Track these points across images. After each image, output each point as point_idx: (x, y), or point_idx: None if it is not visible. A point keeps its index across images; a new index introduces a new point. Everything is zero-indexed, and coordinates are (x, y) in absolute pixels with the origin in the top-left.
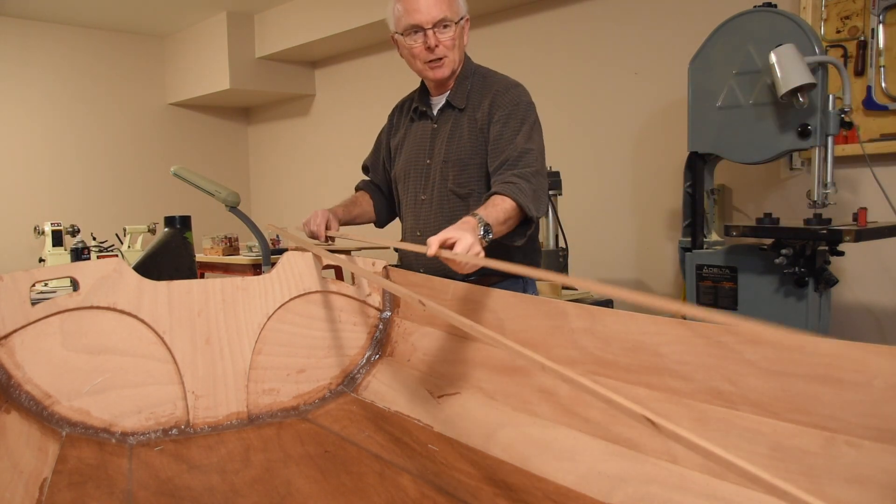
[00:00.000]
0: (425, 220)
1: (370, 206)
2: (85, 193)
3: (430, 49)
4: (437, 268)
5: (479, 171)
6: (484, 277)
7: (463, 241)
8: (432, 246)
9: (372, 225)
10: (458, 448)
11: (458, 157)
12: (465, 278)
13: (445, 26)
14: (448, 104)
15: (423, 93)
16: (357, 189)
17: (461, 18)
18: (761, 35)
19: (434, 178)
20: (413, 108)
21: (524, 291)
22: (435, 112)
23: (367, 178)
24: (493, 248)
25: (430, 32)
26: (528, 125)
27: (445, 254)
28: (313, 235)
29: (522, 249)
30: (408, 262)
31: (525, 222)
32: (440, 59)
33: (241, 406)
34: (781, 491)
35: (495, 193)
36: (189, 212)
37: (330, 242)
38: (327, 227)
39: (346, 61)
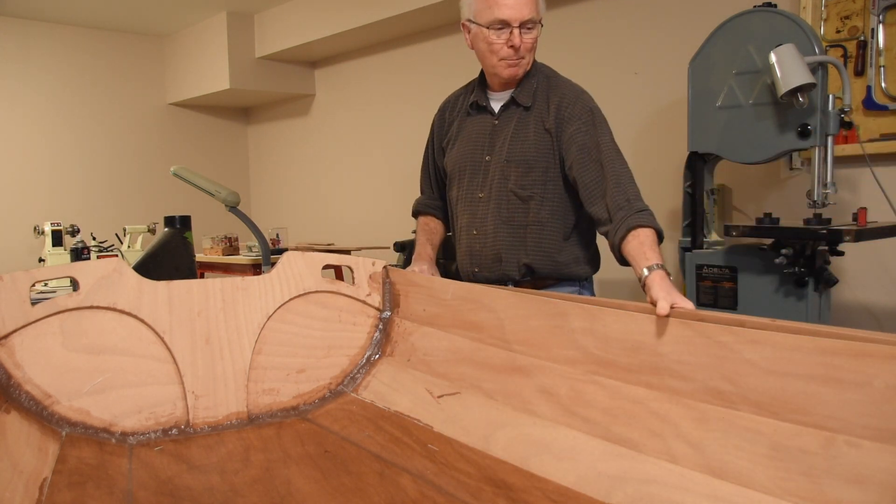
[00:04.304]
0: (482, 218)
1: (441, 226)
2: (85, 193)
3: (513, 48)
4: (492, 268)
5: (543, 174)
6: (539, 280)
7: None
8: (665, 310)
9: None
10: (458, 448)
11: (522, 158)
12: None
13: (530, 27)
14: (513, 101)
15: (481, 86)
16: (417, 214)
17: (541, 20)
18: (761, 35)
19: (493, 175)
20: (470, 102)
21: (580, 294)
22: (497, 108)
23: (422, 197)
24: (543, 253)
25: (515, 31)
26: (608, 135)
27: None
28: None
29: (571, 247)
30: (462, 261)
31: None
32: (519, 59)
33: (241, 406)
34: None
35: (638, 227)
36: (189, 212)
37: None
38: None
39: (346, 61)
